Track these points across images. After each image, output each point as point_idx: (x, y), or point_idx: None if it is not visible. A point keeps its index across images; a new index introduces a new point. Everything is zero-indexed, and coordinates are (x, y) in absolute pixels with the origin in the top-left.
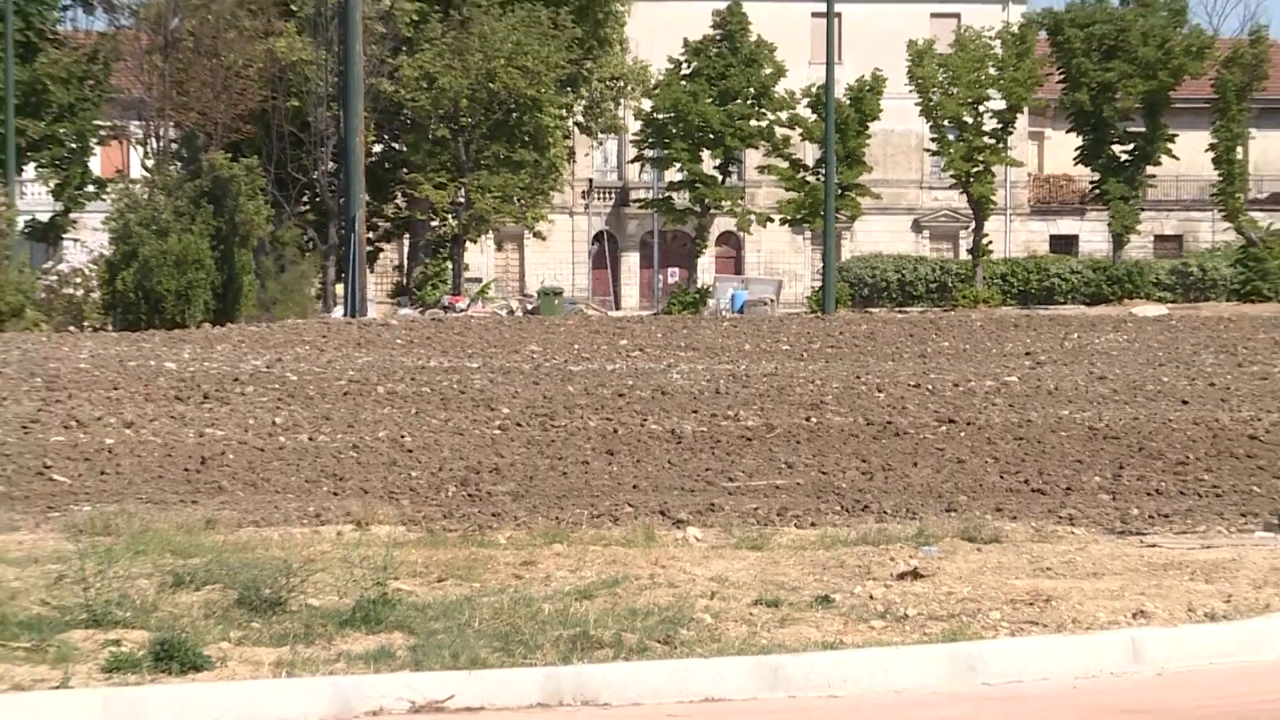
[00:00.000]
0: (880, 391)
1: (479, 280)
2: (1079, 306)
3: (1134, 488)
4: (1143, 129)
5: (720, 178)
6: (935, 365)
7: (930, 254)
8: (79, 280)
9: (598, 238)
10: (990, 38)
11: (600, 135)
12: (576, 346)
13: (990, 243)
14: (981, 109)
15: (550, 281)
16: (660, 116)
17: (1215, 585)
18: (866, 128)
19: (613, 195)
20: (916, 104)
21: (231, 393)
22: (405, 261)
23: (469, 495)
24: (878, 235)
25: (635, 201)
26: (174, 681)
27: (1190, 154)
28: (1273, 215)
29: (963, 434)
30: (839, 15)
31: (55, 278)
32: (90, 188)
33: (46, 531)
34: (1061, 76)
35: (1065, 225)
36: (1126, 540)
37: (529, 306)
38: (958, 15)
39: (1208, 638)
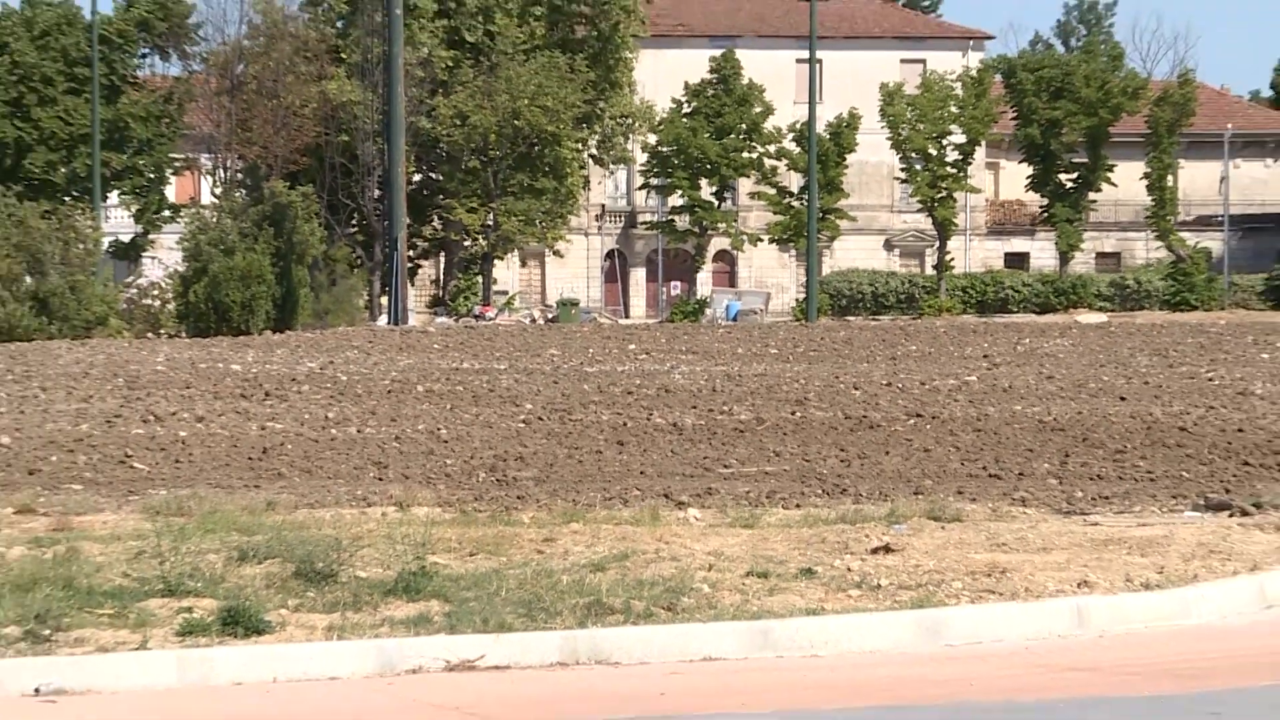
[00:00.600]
0: (856, 389)
1: (505, 293)
2: (1030, 315)
3: (1078, 473)
4: (1085, 160)
5: (716, 203)
6: (904, 367)
7: (900, 269)
8: (156, 293)
9: (609, 255)
10: (952, 80)
11: (611, 166)
12: (591, 350)
13: (952, 259)
14: (944, 142)
15: (568, 294)
16: (664, 149)
17: (1149, 558)
18: (844, 159)
19: (622, 218)
20: (888, 138)
21: (289, 391)
22: (441, 276)
23: (497, 480)
24: (854, 253)
25: (642, 224)
26: (239, 643)
27: (1127, 182)
28: (1199, 235)
29: (928, 426)
30: (820, 61)
31: (135, 291)
32: (166, 212)
33: (127, 513)
34: (1014, 114)
35: (1018, 244)
36: (1072, 519)
37: (549, 316)
38: (924, 60)
39: (1143, 605)
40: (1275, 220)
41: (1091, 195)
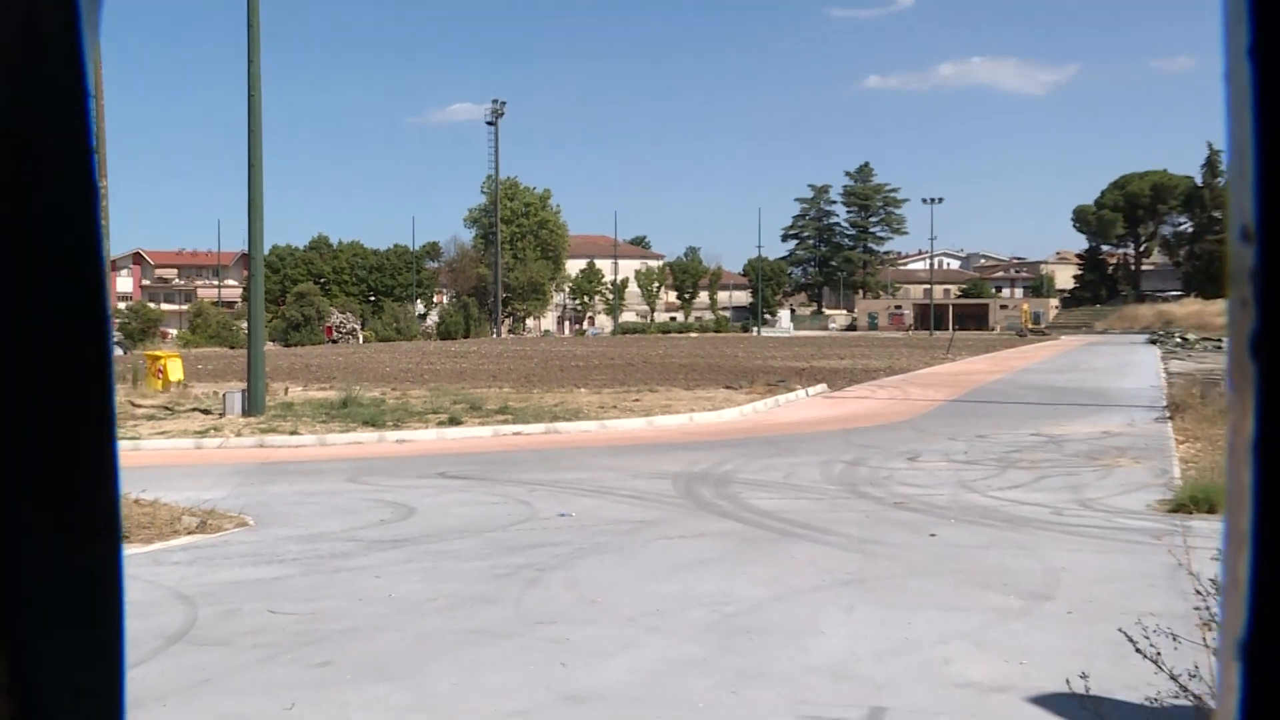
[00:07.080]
0: (628, 355)
1: (529, 327)
2: (679, 335)
3: (694, 379)
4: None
5: (590, 302)
6: (642, 349)
7: (627, 320)
8: (429, 329)
9: (559, 316)
10: (656, 266)
11: (559, 291)
12: (554, 344)
13: (653, 319)
14: (653, 285)
15: (547, 328)
16: (574, 288)
17: (710, 401)
18: (624, 290)
19: (564, 306)
20: (636, 283)
21: (467, 354)
22: (511, 322)
23: (529, 381)
24: (629, 316)
25: (569, 309)
26: (458, 428)
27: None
28: (724, 311)
29: (649, 366)
30: (618, 261)
31: (424, 327)
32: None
33: (424, 390)
34: (672, 277)
35: (671, 315)
36: (689, 391)
37: (543, 334)
38: (646, 261)
39: (708, 416)
40: (750, 310)
41: (694, 301)
